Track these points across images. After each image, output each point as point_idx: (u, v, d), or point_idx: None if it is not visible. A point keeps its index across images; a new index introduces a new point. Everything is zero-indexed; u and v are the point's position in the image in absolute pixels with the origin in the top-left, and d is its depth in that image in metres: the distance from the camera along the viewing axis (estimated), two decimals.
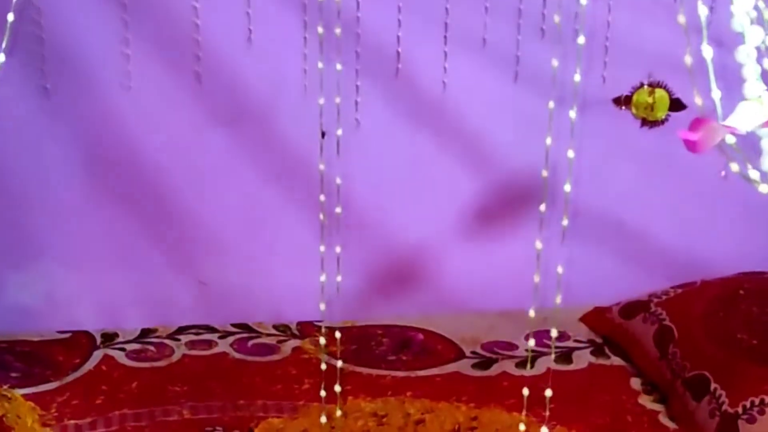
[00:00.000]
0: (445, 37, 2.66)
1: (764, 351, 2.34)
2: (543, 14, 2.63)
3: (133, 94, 2.58)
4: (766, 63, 1.29)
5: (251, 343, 2.66)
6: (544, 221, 1.35)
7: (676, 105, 2.71)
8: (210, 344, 2.65)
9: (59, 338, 2.63)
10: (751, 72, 1.22)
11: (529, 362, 1.38)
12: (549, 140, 1.22)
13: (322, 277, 1.38)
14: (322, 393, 1.42)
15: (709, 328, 2.48)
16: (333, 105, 1.56)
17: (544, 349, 2.39)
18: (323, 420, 1.41)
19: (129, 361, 2.55)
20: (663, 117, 2.80)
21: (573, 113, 1.19)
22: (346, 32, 2.53)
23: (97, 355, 2.56)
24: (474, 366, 2.60)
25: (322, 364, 1.39)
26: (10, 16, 1.35)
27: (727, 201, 2.73)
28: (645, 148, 2.73)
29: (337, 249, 1.38)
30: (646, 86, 2.43)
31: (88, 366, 2.51)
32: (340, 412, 1.39)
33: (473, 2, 2.63)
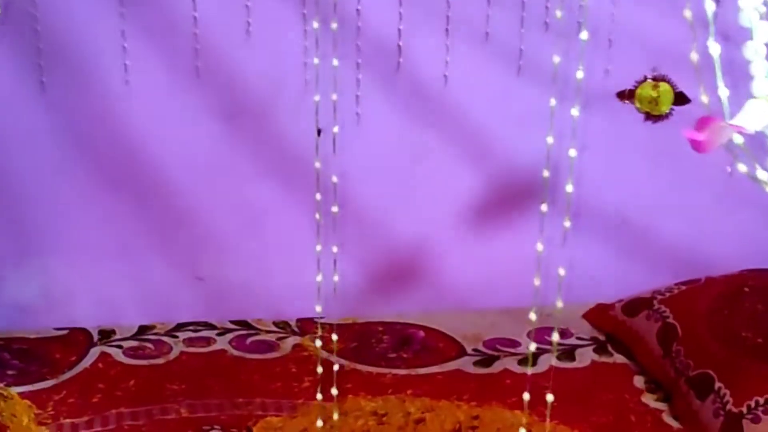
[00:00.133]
0: (446, 30, 2.63)
1: None
2: (546, 7, 2.61)
3: (130, 88, 2.56)
4: None
5: (250, 340, 2.64)
6: (545, 219, 1.32)
7: (681, 99, 2.67)
8: (208, 341, 2.63)
9: (56, 335, 2.61)
10: (759, 69, 1.19)
11: (530, 363, 1.35)
12: (551, 139, 1.19)
13: (319, 277, 1.35)
14: (318, 396, 1.39)
15: (713, 326, 2.46)
16: (332, 101, 1.52)
17: (546, 346, 2.37)
18: (319, 424, 1.39)
19: (126, 359, 2.53)
20: (667, 111, 2.76)
21: (575, 111, 1.16)
22: (347, 26, 2.55)
23: (94, 353, 2.54)
24: (475, 363, 2.58)
25: (318, 367, 1.36)
26: None
27: (731, 197, 2.71)
28: (649, 142, 2.70)
29: (334, 249, 1.35)
30: (650, 80, 2.39)
31: (85, 363, 2.49)
32: (337, 416, 1.36)
33: None
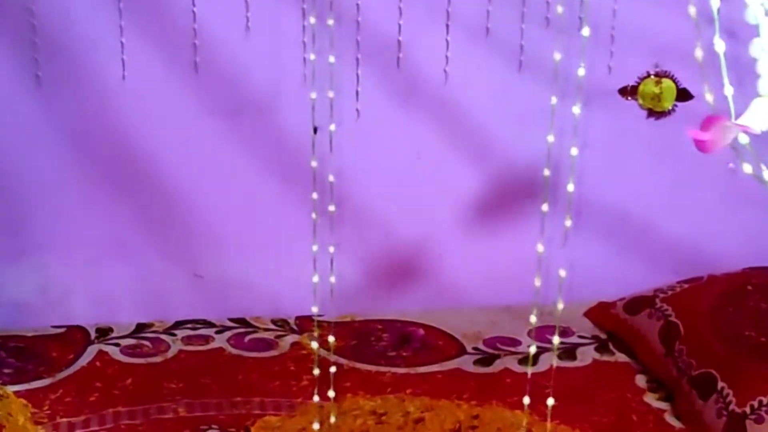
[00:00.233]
0: (447, 26, 2.62)
1: None
2: (547, 2, 2.59)
3: (128, 83, 2.54)
4: None
5: (248, 338, 2.62)
6: (546, 217, 1.29)
7: (684, 95, 2.65)
8: (207, 339, 2.61)
9: (53, 333, 2.59)
10: (765, 67, 1.16)
11: (530, 363, 1.33)
12: (551, 138, 1.16)
13: (315, 278, 1.33)
14: (315, 398, 1.37)
15: (716, 324, 2.44)
16: (334, 99, 1.50)
17: (547, 345, 2.35)
18: (316, 427, 1.37)
19: (124, 357, 2.51)
20: (670, 108, 2.74)
21: (577, 109, 1.13)
22: (347, 21, 2.52)
23: (92, 351, 2.52)
24: (476, 362, 2.56)
25: (315, 369, 1.34)
26: None
27: (734, 194, 2.69)
28: (651, 139, 2.69)
29: (331, 249, 1.33)
30: (652, 76, 2.37)
31: (82, 362, 2.47)
32: (334, 419, 1.34)
33: None
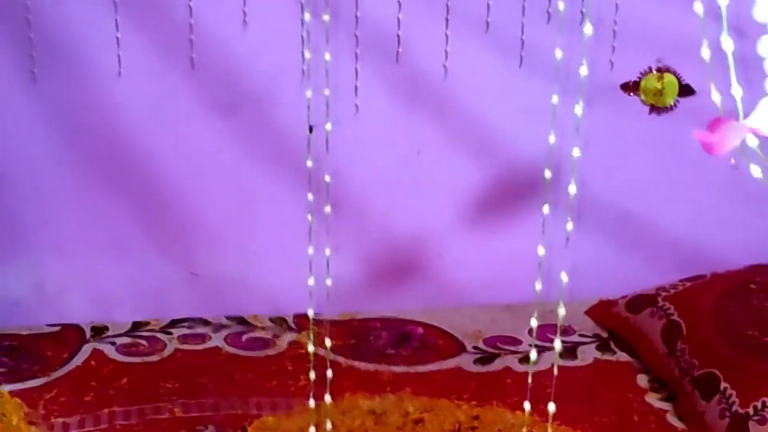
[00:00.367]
0: (446, 20, 2.59)
1: None
2: None
3: (123, 79, 2.51)
4: None
5: (245, 337, 2.60)
6: (547, 215, 1.26)
7: (686, 90, 2.62)
8: (203, 338, 2.58)
9: (48, 332, 2.56)
10: None
11: (531, 363, 1.30)
12: (552, 138, 1.13)
13: (311, 281, 1.30)
14: (311, 403, 1.34)
15: (719, 323, 2.41)
16: (332, 95, 1.47)
17: (547, 344, 2.32)
18: (312, 431, 1.34)
19: (119, 356, 2.48)
20: (672, 103, 2.70)
21: (579, 109, 1.10)
22: (345, 15, 2.49)
23: (87, 350, 2.50)
24: (476, 361, 2.53)
25: (311, 373, 1.32)
26: None
27: (736, 191, 2.65)
28: (653, 136, 2.66)
29: (327, 252, 1.30)
30: (654, 71, 2.34)
31: (77, 361, 2.44)
32: (330, 426, 1.31)
33: None
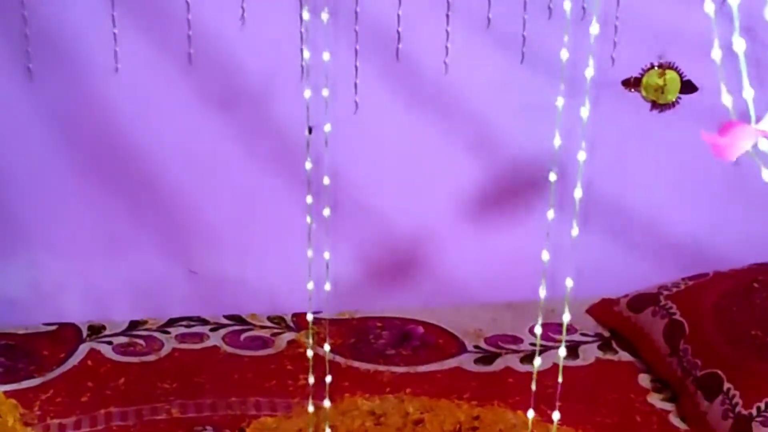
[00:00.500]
0: (447, 16, 2.57)
1: None
2: None
3: (120, 75, 2.50)
4: None
5: (244, 336, 2.57)
6: (546, 213, 1.23)
7: (688, 87, 2.59)
8: (201, 337, 2.56)
9: (45, 331, 2.54)
10: None
11: (534, 368, 1.28)
12: (558, 141, 1.11)
13: (310, 285, 1.28)
14: (310, 408, 1.32)
15: (721, 323, 2.39)
16: (331, 92, 1.44)
17: (549, 343, 2.31)
18: None
19: (116, 356, 2.46)
20: (674, 99, 2.68)
21: (585, 111, 1.08)
22: (345, 11, 2.47)
23: (83, 349, 2.47)
24: (477, 361, 2.51)
25: (310, 377, 1.29)
26: None
27: (739, 190, 2.64)
28: (656, 134, 2.64)
29: (326, 255, 1.28)
30: (656, 67, 2.31)
31: (74, 361, 2.42)
32: (329, 430, 1.29)
33: None
